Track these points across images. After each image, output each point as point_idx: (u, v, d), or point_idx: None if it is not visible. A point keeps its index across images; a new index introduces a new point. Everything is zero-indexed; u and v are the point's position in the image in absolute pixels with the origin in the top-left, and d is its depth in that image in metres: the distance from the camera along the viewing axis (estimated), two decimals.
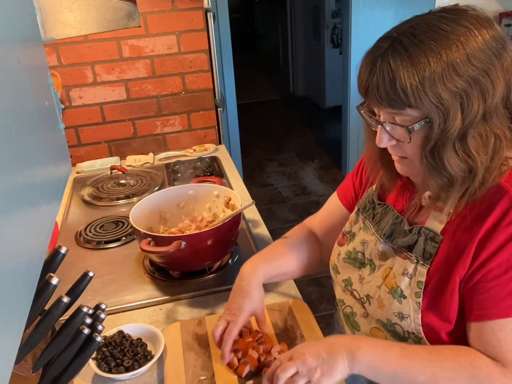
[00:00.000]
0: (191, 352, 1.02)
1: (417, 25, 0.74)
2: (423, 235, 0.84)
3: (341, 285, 1.01)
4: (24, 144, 0.55)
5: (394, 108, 0.75)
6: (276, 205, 3.76)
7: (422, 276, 0.83)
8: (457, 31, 0.71)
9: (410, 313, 0.84)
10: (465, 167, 0.74)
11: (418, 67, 0.70)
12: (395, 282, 0.87)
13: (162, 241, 1.18)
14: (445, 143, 0.73)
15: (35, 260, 0.55)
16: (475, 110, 0.71)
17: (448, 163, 0.74)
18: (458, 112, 0.71)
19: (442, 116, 0.72)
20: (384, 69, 0.73)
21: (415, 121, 0.74)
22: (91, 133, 2.10)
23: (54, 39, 0.99)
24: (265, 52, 8.01)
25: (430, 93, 0.70)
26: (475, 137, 0.73)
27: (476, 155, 0.73)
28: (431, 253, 0.83)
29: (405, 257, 0.86)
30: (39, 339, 0.73)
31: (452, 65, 0.70)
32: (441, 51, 0.70)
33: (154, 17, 1.96)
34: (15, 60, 0.57)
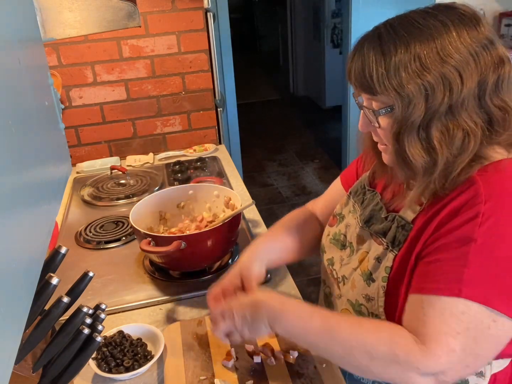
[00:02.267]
0: (191, 352, 1.02)
1: (399, 18, 0.77)
2: (396, 223, 0.87)
3: (324, 265, 1.04)
4: (24, 144, 0.55)
5: (367, 93, 0.78)
6: (276, 205, 3.76)
7: (389, 261, 0.85)
8: (432, 26, 0.73)
9: (375, 296, 0.87)
10: (428, 158, 0.76)
11: (386, 55, 0.74)
12: (367, 265, 0.90)
13: (162, 241, 1.18)
14: (407, 130, 0.75)
15: (35, 260, 0.55)
16: (438, 102, 0.73)
17: (410, 151, 0.76)
18: (421, 102, 0.73)
19: (404, 104, 0.74)
20: (360, 56, 0.77)
21: (383, 107, 0.78)
22: (91, 133, 2.10)
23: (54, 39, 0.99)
24: (265, 52, 8.00)
25: (394, 81, 0.73)
26: (441, 130, 0.74)
27: (439, 147, 0.74)
28: (400, 241, 0.85)
29: (379, 242, 0.89)
30: (39, 339, 0.73)
31: (419, 57, 0.72)
32: (411, 42, 0.73)
33: (154, 17, 1.96)
34: (15, 60, 0.57)
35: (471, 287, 0.72)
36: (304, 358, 0.98)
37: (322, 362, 0.97)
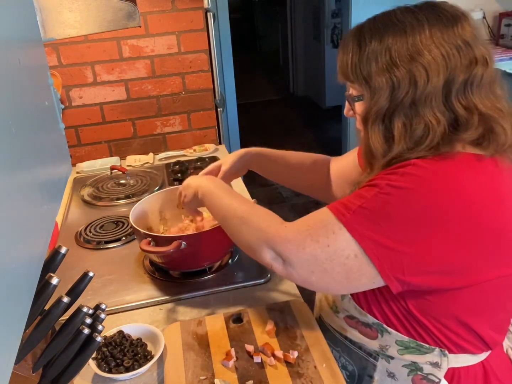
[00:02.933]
0: (191, 352, 1.02)
1: (383, 13, 0.81)
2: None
3: None
4: (24, 144, 0.55)
5: (348, 81, 0.84)
6: (276, 205, 3.76)
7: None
8: (407, 22, 0.76)
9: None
10: (385, 146, 0.80)
11: (361, 46, 0.79)
12: None
13: (162, 241, 1.18)
14: (372, 118, 0.80)
15: (35, 260, 0.55)
16: (402, 95, 0.76)
17: (371, 137, 0.81)
18: (386, 94, 0.77)
19: (371, 93, 0.79)
20: (343, 47, 0.83)
21: (356, 95, 0.83)
22: (91, 133, 2.10)
23: (54, 39, 0.99)
24: (265, 52, 8.01)
25: (364, 71, 0.78)
26: (403, 121, 0.77)
27: (397, 138, 0.78)
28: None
29: None
30: (39, 339, 0.73)
31: (389, 50, 0.76)
32: (384, 35, 0.77)
33: (154, 17, 1.96)
34: (15, 60, 0.57)
35: (352, 217, 0.77)
36: (304, 358, 0.98)
37: (322, 362, 0.97)
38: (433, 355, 0.88)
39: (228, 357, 0.99)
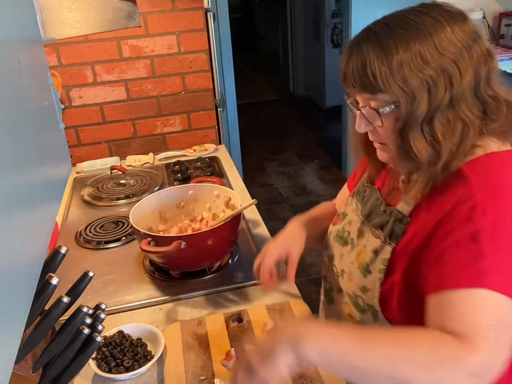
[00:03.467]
0: (191, 352, 1.02)
1: (391, 17, 0.80)
2: (393, 216, 0.88)
3: (326, 261, 1.07)
4: (24, 144, 0.55)
5: (367, 92, 0.80)
6: (276, 205, 3.76)
7: (386, 254, 0.87)
8: (426, 22, 0.76)
9: (371, 287, 0.89)
10: (432, 151, 0.77)
11: (387, 53, 0.76)
12: (364, 258, 0.92)
13: (162, 241, 1.18)
14: (411, 125, 0.77)
15: (35, 260, 0.55)
16: (441, 95, 0.75)
17: (415, 146, 0.77)
18: (424, 97, 0.75)
19: (409, 99, 0.76)
20: (358, 56, 0.78)
21: (385, 105, 0.79)
22: (91, 133, 2.10)
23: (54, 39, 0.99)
24: (265, 52, 8.01)
25: (397, 78, 0.75)
26: (442, 122, 0.76)
27: (442, 139, 0.76)
28: (398, 234, 0.86)
29: (377, 236, 0.91)
30: (39, 339, 0.73)
31: (420, 53, 0.74)
32: (409, 39, 0.75)
33: (154, 17, 1.96)
34: (15, 60, 0.57)
35: (492, 276, 0.71)
36: None
37: None
38: None
39: (228, 357, 0.99)
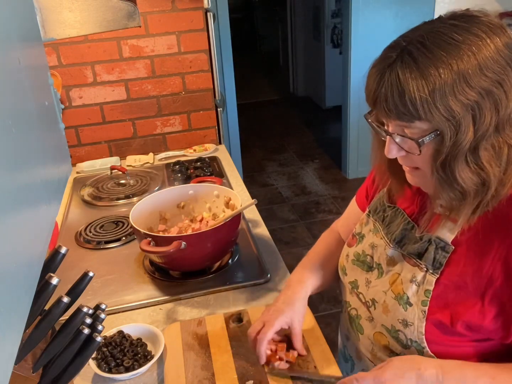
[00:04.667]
0: (191, 352, 1.02)
1: (426, 34, 0.71)
2: (434, 244, 0.83)
3: (348, 287, 1.00)
4: (24, 144, 0.55)
5: (402, 120, 0.73)
6: (276, 205, 3.76)
7: (430, 284, 0.82)
8: (468, 41, 0.69)
9: (414, 321, 0.83)
10: (478, 180, 0.72)
11: (428, 79, 0.68)
12: (402, 288, 0.86)
13: (162, 241, 1.18)
14: (456, 156, 0.71)
15: (35, 260, 0.55)
16: (487, 122, 0.69)
17: (460, 177, 0.72)
18: (470, 125, 0.69)
19: (453, 129, 0.70)
20: (393, 80, 0.70)
21: (425, 134, 0.72)
22: (91, 133, 2.10)
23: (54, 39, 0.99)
24: (265, 52, 8.01)
25: (441, 106, 0.68)
26: (488, 149, 0.71)
27: (489, 168, 0.71)
28: (441, 263, 0.81)
29: (414, 264, 0.85)
30: (39, 339, 0.73)
31: (464, 77, 0.67)
32: (452, 62, 0.68)
33: (154, 17, 1.96)
34: (15, 60, 0.57)
35: None
36: (304, 358, 0.98)
37: (322, 362, 0.97)
38: None
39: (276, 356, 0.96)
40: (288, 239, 3.27)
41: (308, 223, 3.46)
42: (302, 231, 3.36)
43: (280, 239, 3.23)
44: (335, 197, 3.79)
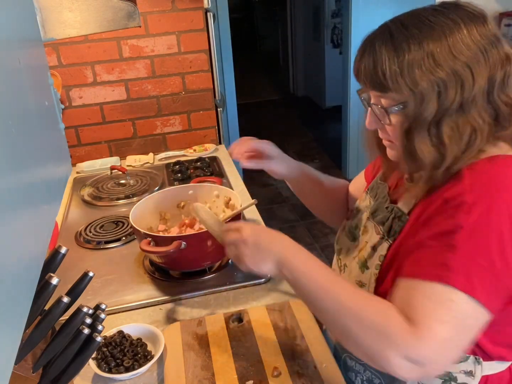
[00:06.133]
0: (191, 352, 1.02)
1: (409, 15, 0.78)
2: (393, 214, 0.89)
3: (336, 256, 1.08)
4: (24, 144, 0.55)
5: (378, 90, 0.79)
6: (276, 205, 3.76)
7: (383, 250, 0.88)
8: (442, 23, 0.74)
9: (367, 282, 0.90)
10: (436, 154, 0.77)
11: (399, 52, 0.74)
12: (364, 254, 0.93)
13: (162, 241, 1.18)
14: (418, 127, 0.76)
15: (35, 260, 0.55)
16: (451, 99, 0.74)
17: (419, 147, 0.77)
18: (433, 99, 0.74)
19: (417, 101, 0.75)
20: (371, 53, 0.77)
21: (394, 104, 0.78)
22: (91, 133, 2.10)
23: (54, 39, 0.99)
24: (265, 52, 8.00)
25: (407, 78, 0.74)
26: (450, 126, 0.75)
27: (449, 144, 0.76)
28: (396, 231, 0.87)
29: (378, 232, 0.92)
30: (39, 339, 0.73)
31: (432, 54, 0.73)
32: (423, 40, 0.74)
33: (154, 17, 1.96)
34: (15, 60, 0.57)
35: (457, 274, 0.71)
36: (304, 358, 0.98)
37: (322, 362, 0.97)
38: (467, 364, 0.84)
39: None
40: None
41: (308, 223, 3.46)
42: (302, 231, 3.36)
43: None
44: None
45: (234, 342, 1.04)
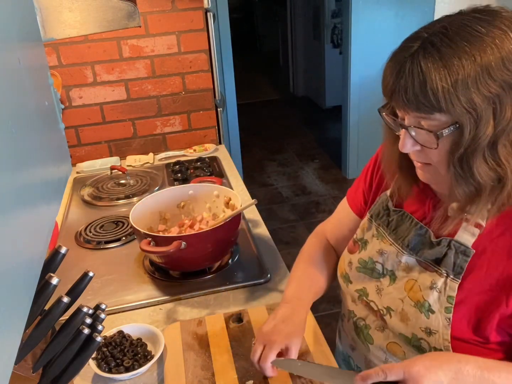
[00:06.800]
0: (191, 352, 1.02)
1: (449, 25, 0.70)
2: (453, 248, 0.81)
3: (353, 295, 0.98)
4: (24, 144, 0.55)
5: (422, 112, 0.71)
6: (276, 205, 3.76)
7: (453, 291, 0.80)
8: (491, 33, 0.68)
9: (438, 329, 0.81)
10: (494, 176, 0.71)
11: (451, 70, 0.67)
12: (421, 295, 0.84)
13: (162, 241, 1.18)
14: (475, 150, 0.70)
15: (35, 260, 0.55)
16: (508, 116, 0.68)
17: (477, 172, 0.71)
18: (490, 119, 0.68)
19: (473, 122, 0.68)
20: (414, 70, 0.69)
21: (443, 126, 0.71)
22: (91, 133, 2.10)
23: (54, 39, 0.99)
24: (265, 52, 8.00)
25: (463, 98, 0.67)
26: (506, 145, 0.70)
27: (506, 164, 0.70)
28: (462, 267, 0.80)
29: (432, 270, 0.83)
30: (39, 339, 0.73)
31: (487, 69, 0.66)
32: (475, 54, 0.67)
33: (154, 17, 1.96)
34: (15, 60, 0.57)
35: None
36: (304, 358, 0.98)
37: (322, 362, 0.97)
38: None
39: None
40: (288, 239, 3.27)
41: (308, 223, 3.46)
42: (302, 231, 3.36)
43: (280, 239, 3.23)
44: (335, 197, 3.79)
45: (234, 342, 1.04)
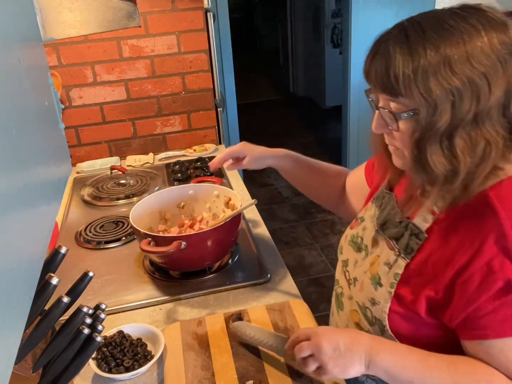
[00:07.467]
0: (191, 352, 1.02)
1: (427, 17, 0.73)
2: (409, 230, 0.86)
3: (340, 265, 1.05)
4: (24, 144, 0.55)
5: (388, 94, 0.75)
6: (276, 205, 3.76)
7: (399, 268, 0.85)
8: (462, 28, 0.70)
9: (380, 301, 0.86)
10: (449, 167, 0.73)
11: (414, 57, 0.70)
12: (377, 269, 0.90)
13: (162, 241, 1.18)
14: (430, 137, 0.73)
15: (35, 260, 0.55)
16: (465, 110, 0.70)
17: (431, 158, 0.73)
18: (447, 109, 0.70)
19: (430, 110, 0.71)
20: (383, 54, 0.73)
21: (403, 110, 0.74)
22: (91, 133, 2.10)
23: (54, 39, 0.99)
24: (265, 52, 8.00)
25: (421, 85, 0.70)
26: (464, 138, 0.72)
27: (461, 156, 0.72)
28: (413, 249, 0.84)
29: (391, 247, 0.89)
30: (39, 339, 0.73)
31: (449, 61, 0.69)
32: (440, 45, 0.69)
33: (154, 17, 1.96)
34: (15, 60, 0.57)
35: None
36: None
37: None
38: None
39: None
40: (288, 239, 3.27)
41: (308, 223, 3.46)
42: (302, 231, 3.36)
43: (280, 239, 3.23)
44: None
45: (234, 342, 1.04)
